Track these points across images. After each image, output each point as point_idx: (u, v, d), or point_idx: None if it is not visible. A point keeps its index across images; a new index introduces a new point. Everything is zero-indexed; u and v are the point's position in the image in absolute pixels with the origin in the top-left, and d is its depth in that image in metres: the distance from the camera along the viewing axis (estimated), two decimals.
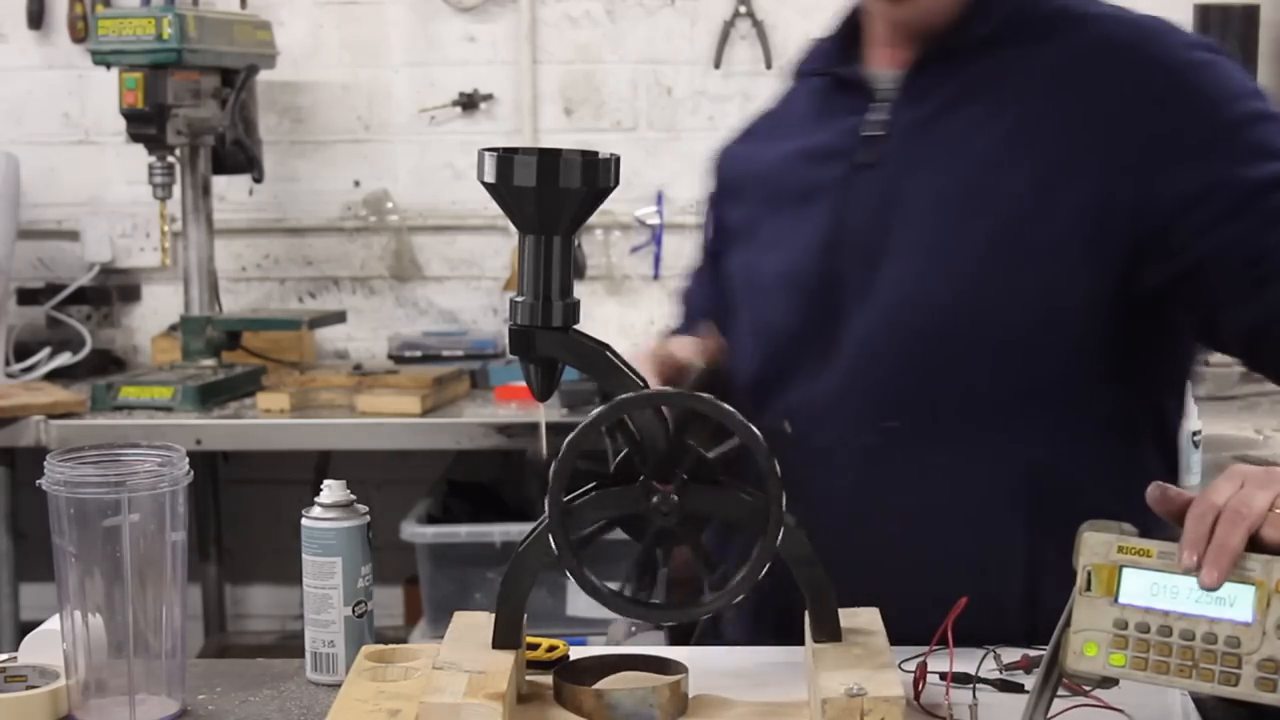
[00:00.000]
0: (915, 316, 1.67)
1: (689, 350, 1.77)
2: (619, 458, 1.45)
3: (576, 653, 1.57)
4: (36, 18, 4.04)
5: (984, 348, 1.65)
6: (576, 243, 2.92)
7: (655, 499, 1.42)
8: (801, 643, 1.51)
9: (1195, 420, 2.76)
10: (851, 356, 1.70)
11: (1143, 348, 1.70)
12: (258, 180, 3.88)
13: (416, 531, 3.51)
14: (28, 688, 1.54)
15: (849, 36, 1.85)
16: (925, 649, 1.50)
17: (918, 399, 1.68)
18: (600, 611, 1.63)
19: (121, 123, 3.59)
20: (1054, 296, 1.64)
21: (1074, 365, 1.67)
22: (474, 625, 1.52)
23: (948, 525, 1.68)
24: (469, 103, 4.04)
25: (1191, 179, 1.59)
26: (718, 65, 3.99)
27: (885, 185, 1.70)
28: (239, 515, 4.17)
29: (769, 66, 3.92)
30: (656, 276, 4.07)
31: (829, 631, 1.47)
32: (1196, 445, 2.75)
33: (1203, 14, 3.77)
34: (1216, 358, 3.67)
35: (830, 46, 1.87)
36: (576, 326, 1.44)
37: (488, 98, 4.05)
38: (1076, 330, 1.65)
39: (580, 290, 1.47)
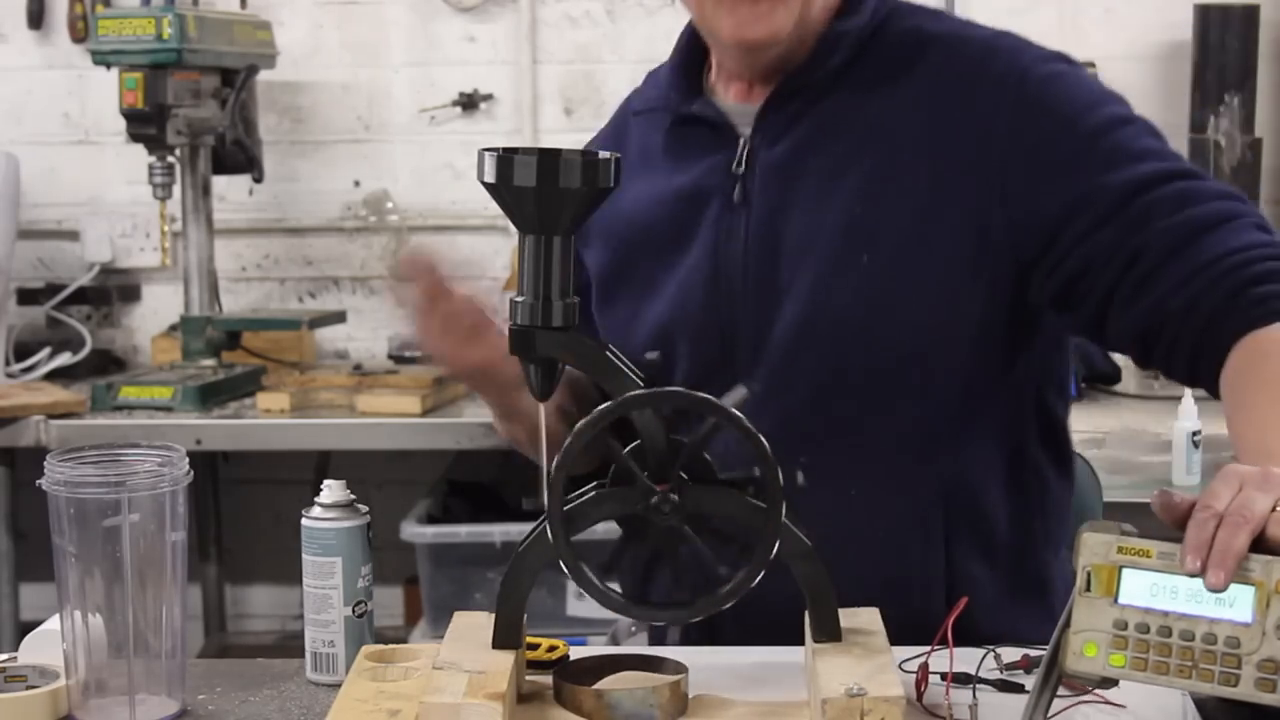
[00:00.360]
0: (811, 356, 1.67)
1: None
2: (618, 458, 1.45)
3: (576, 653, 1.57)
4: (36, 18, 4.04)
5: (882, 378, 1.66)
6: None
7: (655, 499, 1.42)
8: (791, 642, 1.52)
9: (1195, 420, 2.75)
10: (755, 401, 1.68)
11: (1028, 350, 1.72)
12: (258, 180, 3.88)
13: (416, 531, 3.51)
14: (28, 688, 1.54)
15: (689, 69, 1.82)
16: (926, 649, 1.50)
17: (826, 435, 1.68)
18: (600, 611, 1.63)
19: (121, 123, 3.59)
20: (944, 323, 1.66)
21: (970, 379, 1.69)
22: (474, 625, 1.52)
23: (869, 550, 1.69)
24: (469, 103, 4.04)
25: (1060, 193, 1.61)
26: None
27: (762, 224, 1.70)
28: (239, 515, 4.17)
29: None
30: None
31: (829, 631, 1.47)
32: (1197, 445, 2.75)
33: (1203, 14, 3.77)
34: None
35: (671, 81, 1.83)
36: (577, 326, 1.44)
37: (488, 98, 4.05)
38: (970, 348, 1.68)
39: None
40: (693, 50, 1.83)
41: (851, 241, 1.65)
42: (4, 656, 1.63)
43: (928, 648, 1.50)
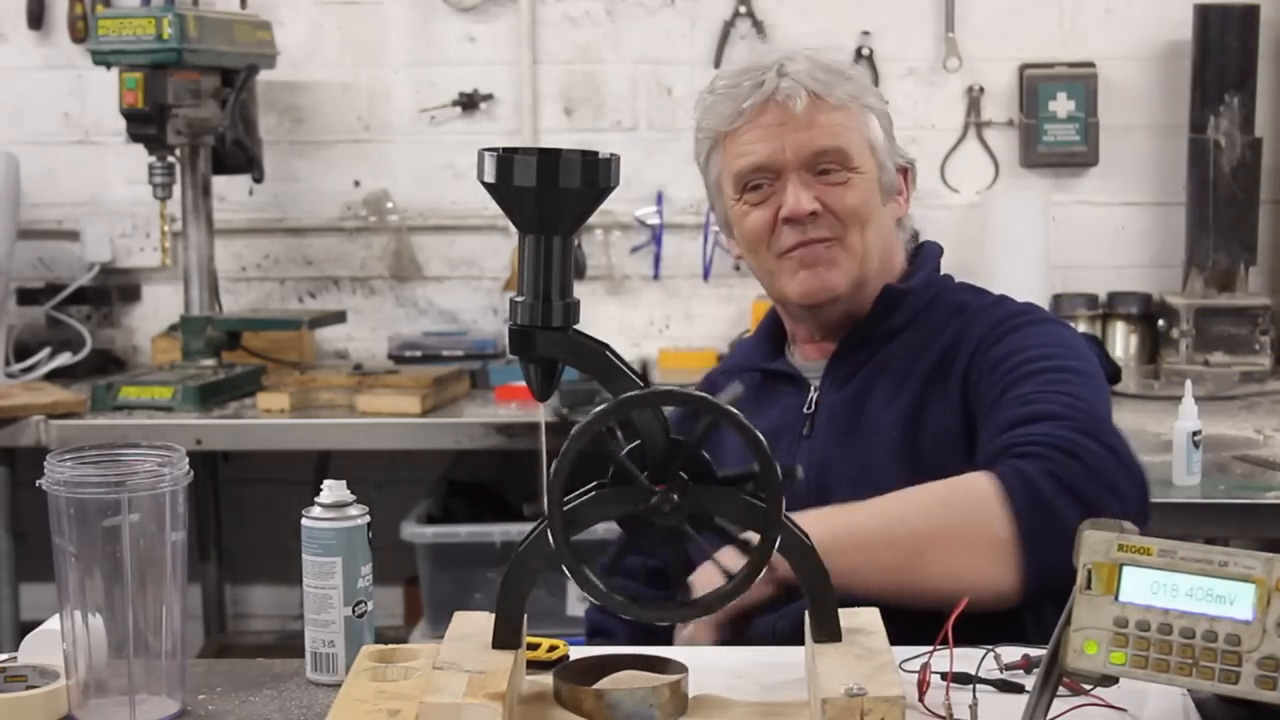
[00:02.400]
0: None
1: None
2: (618, 458, 1.45)
3: (576, 653, 1.57)
4: (36, 18, 4.04)
5: None
6: (576, 243, 2.91)
7: (655, 499, 1.42)
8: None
9: (1195, 420, 2.75)
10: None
11: None
12: (258, 180, 3.87)
13: (416, 531, 3.51)
14: (28, 688, 1.54)
15: (773, 338, 2.14)
16: (928, 649, 1.50)
17: None
18: None
19: (121, 123, 3.59)
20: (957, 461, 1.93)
21: None
22: (474, 625, 1.52)
23: None
24: (469, 103, 4.04)
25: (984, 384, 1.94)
26: (718, 65, 3.98)
27: (821, 453, 1.99)
28: (239, 515, 4.17)
29: None
30: (656, 276, 4.07)
31: (829, 631, 1.47)
32: (1197, 445, 2.75)
33: (1203, 14, 3.77)
34: (1216, 358, 3.68)
35: (756, 347, 2.16)
36: (576, 326, 1.45)
37: (488, 98, 4.05)
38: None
39: (580, 290, 1.47)
40: (775, 326, 2.15)
41: (892, 466, 1.92)
42: (4, 656, 1.63)
43: (928, 648, 1.50)
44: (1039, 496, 1.73)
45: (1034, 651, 1.57)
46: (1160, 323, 3.86)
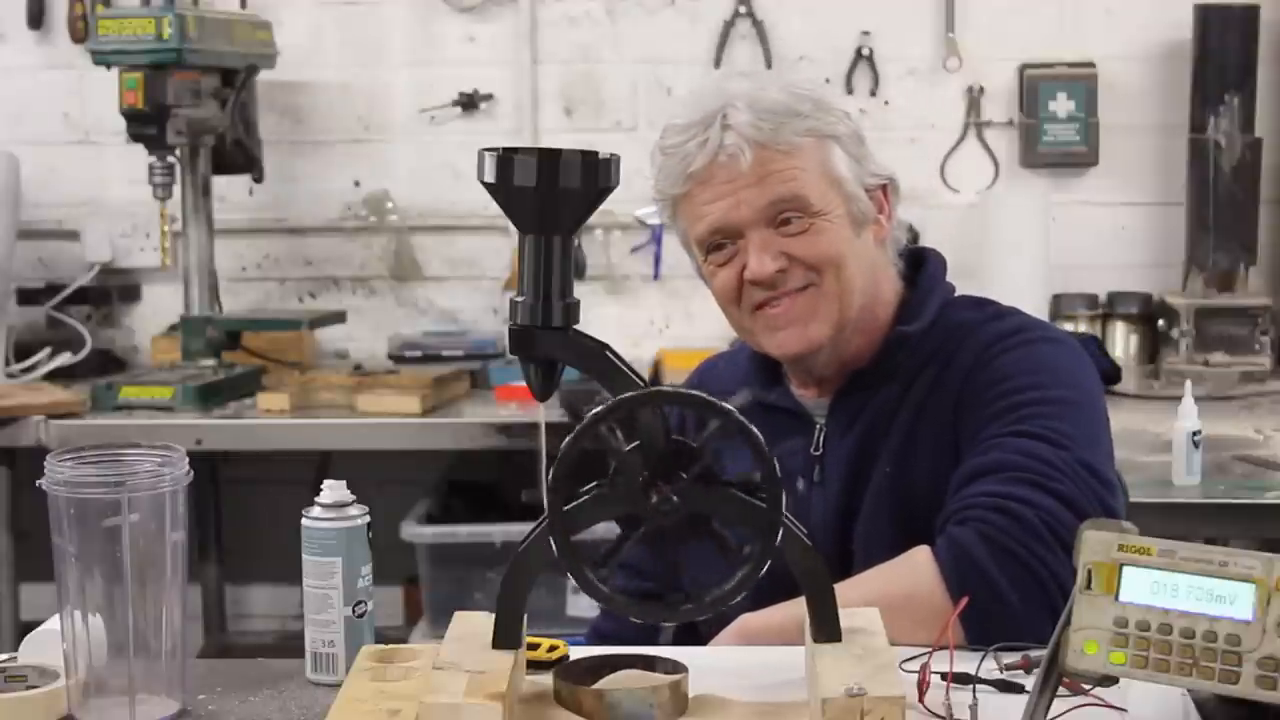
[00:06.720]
0: None
1: None
2: (619, 458, 1.45)
3: (576, 653, 1.57)
4: (36, 18, 4.04)
5: None
6: (576, 243, 2.92)
7: (655, 499, 1.42)
8: None
9: (1195, 420, 2.75)
10: None
11: None
12: (258, 180, 3.88)
13: (416, 531, 3.51)
14: (28, 688, 1.54)
15: (767, 364, 2.02)
16: (927, 649, 1.50)
17: None
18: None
19: (121, 123, 3.59)
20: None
21: None
22: (474, 625, 1.52)
23: None
24: (469, 103, 4.04)
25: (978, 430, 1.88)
26: (718, 65, 3.99)
27: (835, 502, 1.93)
28: (239, 515, 4.17)
29: (769, 66, 3.92)
30: (656, 276, 4.07)
31: (829, 632, 1.47)
32: (1197, 445, 2.75)
33: (1203, 14, 3.77)
34: (1216, 358, 3.68)
35: (750, 370, 2.04)
36: (576, 326, 1.45)
37: (488, 98, 4.05)
38: None
39: (580, 290, 1.47)
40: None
41: (907, 512, 1.87)
42: (4, 656, 1.63)
43: (928, 647, 1.50)
44: (971, 564, 1.72)
45: (1034, 651, 1.57)
46: (1160, 323, 3.86)
